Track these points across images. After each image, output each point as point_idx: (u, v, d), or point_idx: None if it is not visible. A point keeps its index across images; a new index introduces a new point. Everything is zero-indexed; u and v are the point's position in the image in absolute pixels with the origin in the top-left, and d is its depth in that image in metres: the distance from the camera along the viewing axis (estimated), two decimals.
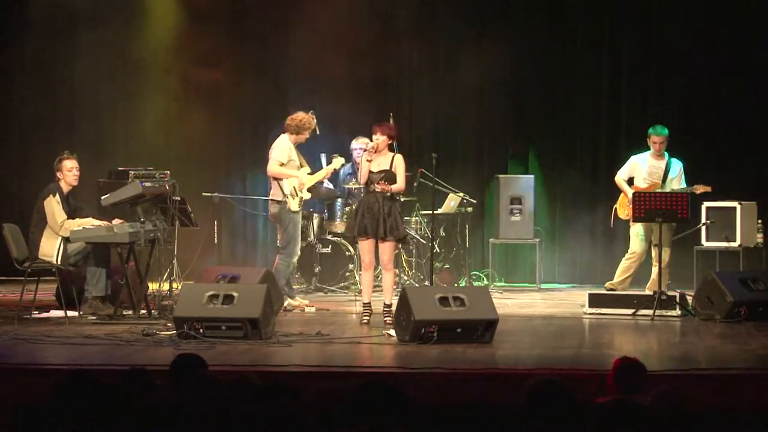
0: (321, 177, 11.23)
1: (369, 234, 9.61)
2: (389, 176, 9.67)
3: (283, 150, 10.80)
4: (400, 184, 9.72)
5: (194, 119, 13.83)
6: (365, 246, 9.71)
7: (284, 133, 10.90)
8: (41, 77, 13.89)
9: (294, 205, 10.71)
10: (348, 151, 12.21)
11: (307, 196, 10.89)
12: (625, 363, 5.61)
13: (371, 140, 9.81)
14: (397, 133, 9.99)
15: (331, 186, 12.26)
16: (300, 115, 10.89)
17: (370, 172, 9.66)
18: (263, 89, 13.91)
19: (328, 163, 11.34)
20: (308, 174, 10.90)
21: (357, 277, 11.91)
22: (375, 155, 9.68)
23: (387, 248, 9.66)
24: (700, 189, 11.08)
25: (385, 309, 9.66)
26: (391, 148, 9.81)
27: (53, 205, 10.00)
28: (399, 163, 9.73)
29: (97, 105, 14.06)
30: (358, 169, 10.61)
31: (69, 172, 10.19)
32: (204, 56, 13.99)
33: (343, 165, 11.52)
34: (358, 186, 11.33)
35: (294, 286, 12.34)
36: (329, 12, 13.92)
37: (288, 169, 10.76)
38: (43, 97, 13.93)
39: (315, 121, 10.97)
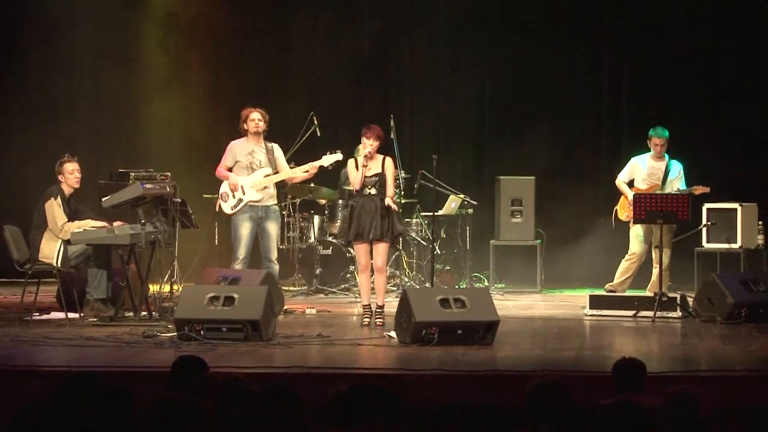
0: (288, 175, 10.60)
1: (364, 237, 9.61)
2: (382, 179, 9.66)
3: (226, 153, 10.58)
4: (390, 190, 9.65)
5: (195, 120, 13.82)
6: (361, 249, 9.71)
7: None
8: (42, 78, 13.89)
9: (225, 207, 10.50)
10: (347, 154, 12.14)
11: (254, 197, 10.41)
12: (623, 362, 5.62)
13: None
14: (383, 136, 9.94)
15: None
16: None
17: (364, 176, 9.66)
18: (264, 90, 13.90)
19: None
20: (266, 176, 10.45)
21: (357, 279, 11.88)
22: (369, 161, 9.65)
23: (381, 250, 9.64)
24: (698, 190, 11.09)
25: (377, 310, 9.68)
26: (380, 151, 9.76)
27: (54, 208, 9.99)
28: (389, 167, 9.68)
29: (98, 106, 14.06)
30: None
31: (70, 175, 10.17)
32: (204, 58, 14.00)
33: (337, 161, 10.72)
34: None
35: (295, 288, 12.36)
36: (329, 12, 13.94)
37: (238, 170, 10.46)
38: (44, 98, 13.94)
39: (316, 123, 10.87)
